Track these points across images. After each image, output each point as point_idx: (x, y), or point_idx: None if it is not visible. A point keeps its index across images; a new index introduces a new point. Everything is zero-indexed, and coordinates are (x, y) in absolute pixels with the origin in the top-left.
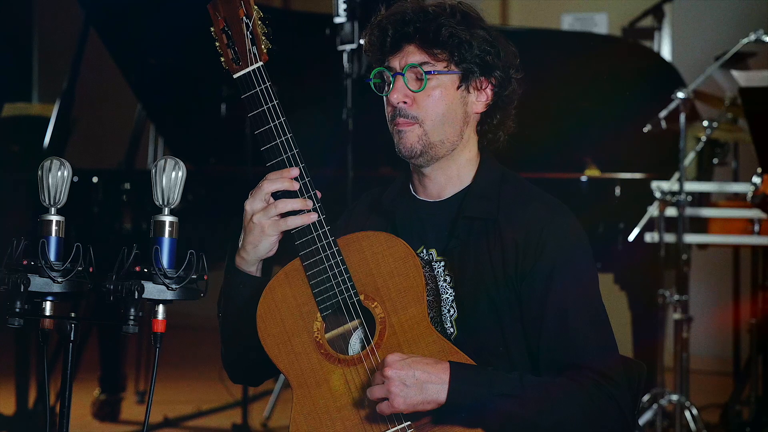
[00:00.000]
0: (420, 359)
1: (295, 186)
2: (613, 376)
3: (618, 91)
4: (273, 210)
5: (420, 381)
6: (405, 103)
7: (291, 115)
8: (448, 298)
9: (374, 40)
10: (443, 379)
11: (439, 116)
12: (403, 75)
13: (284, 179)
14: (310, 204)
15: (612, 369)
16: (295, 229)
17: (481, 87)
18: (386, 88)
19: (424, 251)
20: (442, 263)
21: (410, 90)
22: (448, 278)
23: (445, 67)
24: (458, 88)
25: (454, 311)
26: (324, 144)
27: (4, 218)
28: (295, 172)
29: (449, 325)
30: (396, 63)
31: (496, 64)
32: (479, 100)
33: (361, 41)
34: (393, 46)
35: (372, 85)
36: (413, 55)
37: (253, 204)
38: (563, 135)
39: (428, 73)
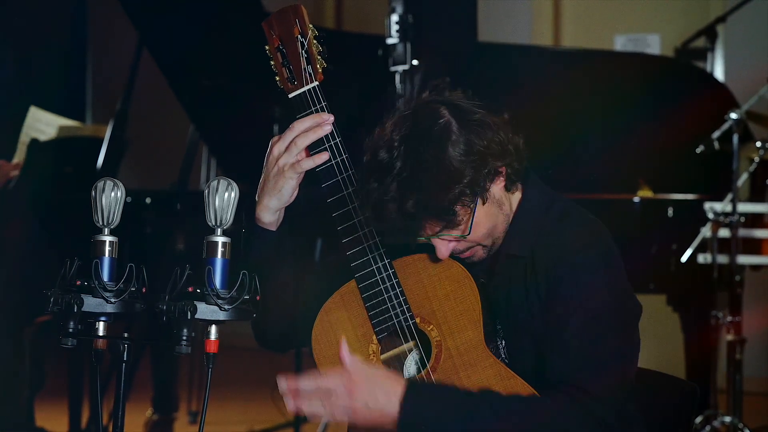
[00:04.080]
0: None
1: (326, 130)
2: (595, 390)
3: (671, 111)
4: (294, 149)
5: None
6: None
7: (344, 137)
8: (499, 328)
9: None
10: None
11: (487, 230)
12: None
13: (316, 130)
14: (328, 129)
15: (596, 384)
16: (316, 168)
17: (493, 181)
18: None
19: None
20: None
21: (450, 241)
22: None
23: (460, 219)
24: (483, 204)
25: (505, 342)
26: None
27: (58, 238)
28: (328, 119)
29: (502, 351)
30: (424, 233)
31: (488, 169)
32: (498, 184)
33: (414, 62)
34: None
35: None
36: (431, 228)
37: (280, 147)
38: (615, 156)
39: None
